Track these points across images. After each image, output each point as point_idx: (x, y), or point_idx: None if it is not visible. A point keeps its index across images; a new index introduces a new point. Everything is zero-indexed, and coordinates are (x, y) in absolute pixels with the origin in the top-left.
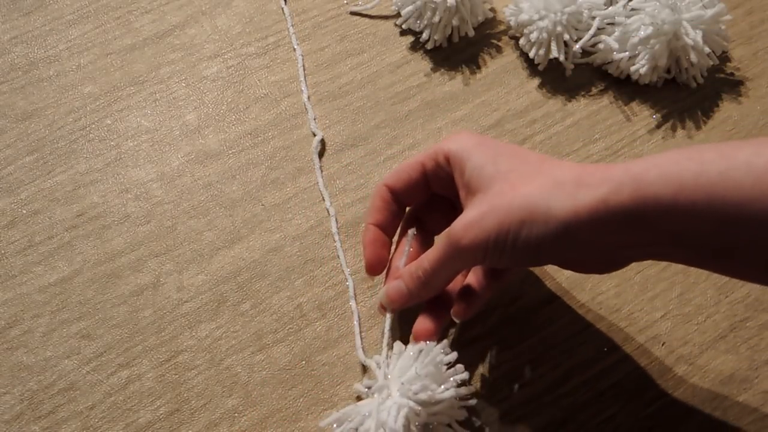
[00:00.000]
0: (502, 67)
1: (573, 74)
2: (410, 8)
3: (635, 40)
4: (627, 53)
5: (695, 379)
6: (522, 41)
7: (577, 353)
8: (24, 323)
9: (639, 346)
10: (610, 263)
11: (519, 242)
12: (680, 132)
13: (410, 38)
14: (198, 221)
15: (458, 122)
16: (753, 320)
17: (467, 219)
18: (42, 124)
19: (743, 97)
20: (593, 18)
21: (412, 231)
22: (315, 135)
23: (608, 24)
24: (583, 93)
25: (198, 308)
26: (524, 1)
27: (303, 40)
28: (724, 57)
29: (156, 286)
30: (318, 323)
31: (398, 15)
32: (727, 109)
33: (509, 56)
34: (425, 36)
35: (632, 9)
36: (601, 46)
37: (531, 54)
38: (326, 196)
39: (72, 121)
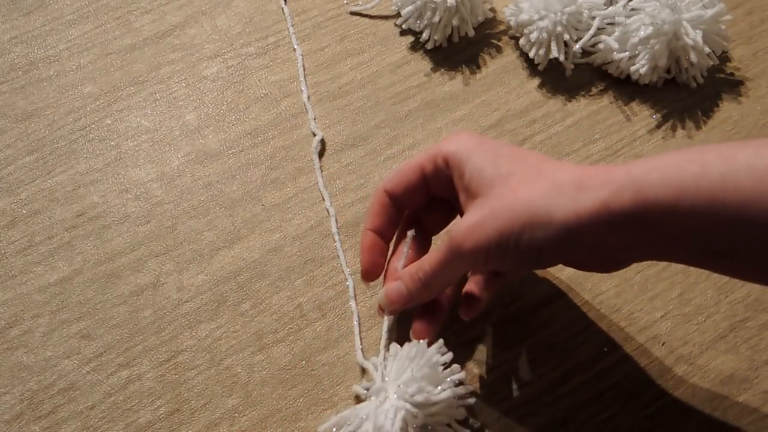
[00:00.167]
0: (502, 67)
1: (573, 74)
2: (410, 8)
3: (635, 40)
4: (627, 53)
5: (695, 379)
6: (522, 41)
7: (577, 353)
8: (24, 323)
9: (639, 346)
10: (612, 264)
11: (521, 246)
12: (680, 132)
13: (410, 38)
14: (198, 221)
15: (458, 122)
16: (753, 320)
17: (468, 223)
18: (42, 124)
19: (743, 97)
20: (593, 18)
21: (411, 233)
22: (315, 135)
23: (608, 24)
24: (583, 93)
25: (198, 308)
26: (524, 1)
27: (303, 40)
28: (724, 57)
29: (156, 286)
30: (318, 323)
31: (398, 15)
32: (727, 109)
33: (509, 56)
34: (425, 36)
35: (632, 9)
36: (601, 46)
37: (531, 54)
38: (326, 196)
39: (72, 121)
